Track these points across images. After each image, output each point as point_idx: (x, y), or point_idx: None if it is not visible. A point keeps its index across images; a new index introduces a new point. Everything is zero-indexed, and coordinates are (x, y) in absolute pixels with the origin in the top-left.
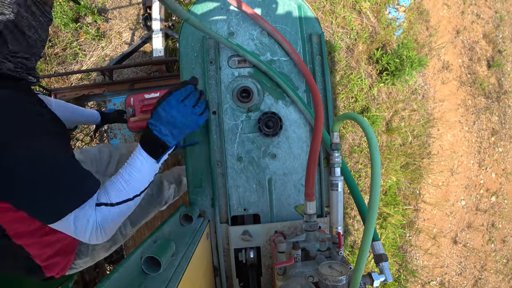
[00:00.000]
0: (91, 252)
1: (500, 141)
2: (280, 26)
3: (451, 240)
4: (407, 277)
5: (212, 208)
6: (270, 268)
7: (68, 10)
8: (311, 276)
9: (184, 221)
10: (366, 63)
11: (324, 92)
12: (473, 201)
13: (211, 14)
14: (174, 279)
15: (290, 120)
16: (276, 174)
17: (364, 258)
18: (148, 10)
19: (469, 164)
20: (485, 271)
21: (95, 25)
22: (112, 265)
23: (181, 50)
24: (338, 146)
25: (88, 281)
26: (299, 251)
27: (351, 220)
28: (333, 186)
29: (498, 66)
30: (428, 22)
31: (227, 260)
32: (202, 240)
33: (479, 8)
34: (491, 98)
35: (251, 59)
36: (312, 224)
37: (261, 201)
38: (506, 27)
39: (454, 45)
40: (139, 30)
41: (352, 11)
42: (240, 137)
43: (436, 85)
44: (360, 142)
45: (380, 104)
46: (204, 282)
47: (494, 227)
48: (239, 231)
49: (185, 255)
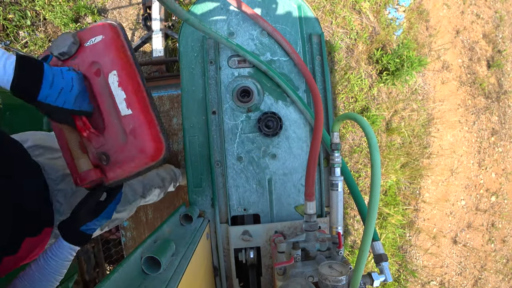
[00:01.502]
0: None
1: (500, 141)
2: (280, 26)
3: (451, 240)
4: (407, 277)
5: (212, 208)
6: (270, 268)
7: (68, 10)
8: (311, 276)
9: (184, 221)
10: (366, 63)
11: (324, 92)
12: (473, 201)
13: (211, 14)
14: (174, 279)
15: (290, 120)
16: (276, 174)
17: (364, 258)
18: (148, 10)
19: (469, 164)
20: (485, 271)
21: None
22: (112, 265)
23: (181, 50)
24: (338, 146)
25: (88, 281)
26: (299, 251)
27: (351, 220)
28: (333, 186)
29: (498, 66)
30: (428, 22)
31: (227, 260)
32: (202, 240)
33: (479, 8)
34: (491, 98)
35: (251, 59)
36: (312, 224)
37: (261, 201)
38: (506, 27)
39: (454, 45)
40: (139, 30)
41: (352, 11)
42: (240, 137)
43: (436, 85)
44: (360, 142)
45: (380, 104)
46: (204, 282)
47: (494, 227)
48: (239, 231)
49: (185, 255)
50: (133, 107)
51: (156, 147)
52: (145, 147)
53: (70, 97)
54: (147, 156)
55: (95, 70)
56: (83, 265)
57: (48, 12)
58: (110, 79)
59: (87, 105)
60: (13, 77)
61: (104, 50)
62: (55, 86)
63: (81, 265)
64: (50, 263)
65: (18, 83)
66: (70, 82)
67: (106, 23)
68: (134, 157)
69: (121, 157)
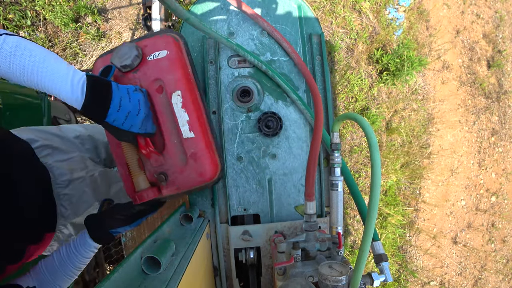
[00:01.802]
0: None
1: (500, 141)
2: (280, 26)
3: (451, 240)
4: (407, 277)
5: (212, 208)
6: (270, 268)
7: (68, 10)
8: (311, 276)
9: (184, 221)
10: (366, 63)
11: (324, 92)
12: (473, 201)
13: (211, 14)
14: (174, 279)
15: (290, 120)
16: (276, 174)
17: (364, 258)
18: (148, 10)
19: (469, 164)
20: (485, 271)
21: (95, 25)
22: (112, 265)
23: None
24: (338, 146)
25: (88, 281)
26: (299, 251)
27: (351, 220)
28: (333, 186)
29: (498, 66)
30: (428, 22)
31: (227, 260)
32: (202, 240)
33: (479, 8)
34: (491, 98)
35: (251, 59)
36: (312, 224)
37: (261, 201)
38: (506, 27)
39: (454, 45)
40: (139, 30)
41: (352, 11)
42: (240, 137)
43: (436, 85)
44: (360, 142)
45: (380, 104)
46: (204, 282)
47: (494, 227)
48: (239, 231)
49: (185, 255)
50: (195, 130)
51: (214, 169)
52: (205, 170)
53: (136, 121)
54: (205, 179)
55: (157, 86)
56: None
57: (48, 12)
58: (174, 99)
59: (151, 127)
60: (84, 99)
61: (169, 68)
62: (122, 110)
63: None
64: (72, 257)
65: (87, 105)
66: (137, 105)
67: (170, 37)
68: (193, 179)
69: (179, 178)
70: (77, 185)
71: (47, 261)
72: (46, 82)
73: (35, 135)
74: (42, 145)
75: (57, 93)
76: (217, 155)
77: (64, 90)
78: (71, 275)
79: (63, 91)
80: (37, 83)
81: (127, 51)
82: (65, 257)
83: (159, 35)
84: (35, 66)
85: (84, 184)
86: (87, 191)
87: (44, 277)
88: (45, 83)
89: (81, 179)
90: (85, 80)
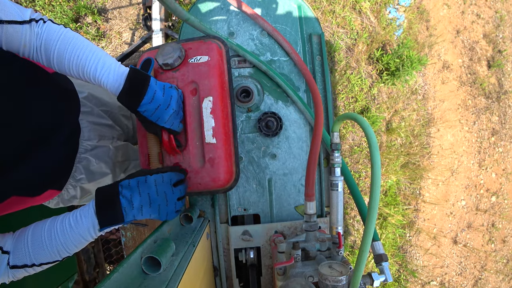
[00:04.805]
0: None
1: (500, 141)
2: (280, 26)
3: (451, 240)
4: (407, 277)
5: (212, 208)
6: (270, 268)
7: (68, 10)
8: (311, 276)
9: (184, 221)
10: (366, 63)
11: (324, 92)
12: (473, 201)
13: (211, 14)
14: (174, 279)
15: (290, 120)
16: (276, 174)
17: (364, 258)
18: (148, 10)
19: (469, 164)
20: (485, 271)
21: (95, 25)
22: (112, 265)
23: None
24: (338, 146)
25: (88, 281)
26: (299, 251)
27: (351, 220)
28: (333, 186)
29: (498, 66)
30: (428, 22)
31: (227, 260)
32: (202, 240)
33: (479, 8)
34: (491, 98)
35: (251, 59)
36: (312, 224)
37: (261, 201)
38: (506, 27)
39: (454, 45)
40: (139, 30)
41: (352, 11)
42: (240, 137)
43: (436, 85)
44: (360, 142)
45: (380, 104)
46: (204, 282)
47: (494, 227)
48: (239, 231)
49: (185, 255)
50: (218, 137)
51: (227, 178)
52: (219, 177)
53: (164, 115)
54: (217, 185)
55: (192, 88)
56: (83, 265)
57: (48, 12)
58: (204, 104)
59: (177, 125)
60: (122, 88)
61: (207, 73)
62: (154, 102)
63: (81, 265)
64: (67, 231)
65: (124, 93)
66: (168, 100)
67: (214, 44)
68: (206, 183)
69: (193, 179)
70: (100, 153)
71: (35, 233)
72: (94, 69)
73: (84, 88)
74: (89, 95)
75: (101, 80)
76: (234, 166)
77: (109, 78)
78: (56, 254)
79: (109, 79)
80: (83, 72)
81: (171, 51)
82: (57, 230)
83: (204, 40)
84: (91, 52)
85: (107, 154)
86: (107, 160)
87: (23, 247)
88: (92, 71)
89: (106, 148)
90: (127, 71)
